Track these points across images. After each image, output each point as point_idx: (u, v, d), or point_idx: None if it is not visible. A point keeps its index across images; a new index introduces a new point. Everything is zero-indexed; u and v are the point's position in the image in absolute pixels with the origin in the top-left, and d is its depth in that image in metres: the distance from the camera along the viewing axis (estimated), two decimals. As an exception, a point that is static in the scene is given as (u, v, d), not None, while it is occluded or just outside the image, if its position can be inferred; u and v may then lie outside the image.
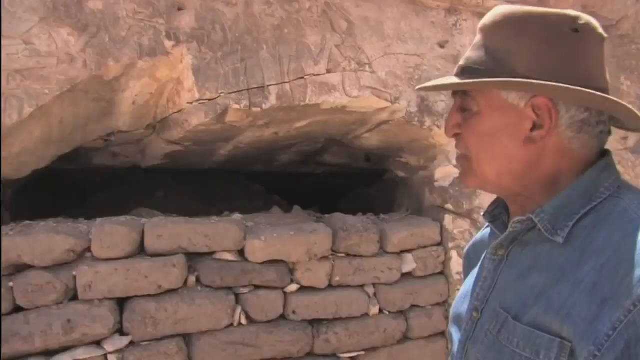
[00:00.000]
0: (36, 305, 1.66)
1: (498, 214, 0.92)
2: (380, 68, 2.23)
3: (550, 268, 0.75)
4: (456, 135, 0.85)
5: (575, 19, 0.77)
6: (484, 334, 0.82)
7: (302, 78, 2.07)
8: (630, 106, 0.76)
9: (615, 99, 0.75)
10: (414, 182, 2.61)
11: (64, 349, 1.67)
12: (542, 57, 0.76)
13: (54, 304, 1.68)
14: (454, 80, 0.83)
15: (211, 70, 1.93)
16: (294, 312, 1.98)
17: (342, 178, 3.39)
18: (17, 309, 1.65)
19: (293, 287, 2.00)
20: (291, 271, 2.01)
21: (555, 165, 0.79)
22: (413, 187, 2.62)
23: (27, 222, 1.82)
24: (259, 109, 1.98)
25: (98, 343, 1.71)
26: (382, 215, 2.45)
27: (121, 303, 1.78)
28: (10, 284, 1.64)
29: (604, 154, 0.82)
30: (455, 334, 0.94)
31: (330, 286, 2.06)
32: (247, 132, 2.18)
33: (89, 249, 1.75)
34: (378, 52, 2.23)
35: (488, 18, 0.84)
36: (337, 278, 2.06)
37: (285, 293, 1.99)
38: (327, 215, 2.29)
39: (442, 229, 2.33)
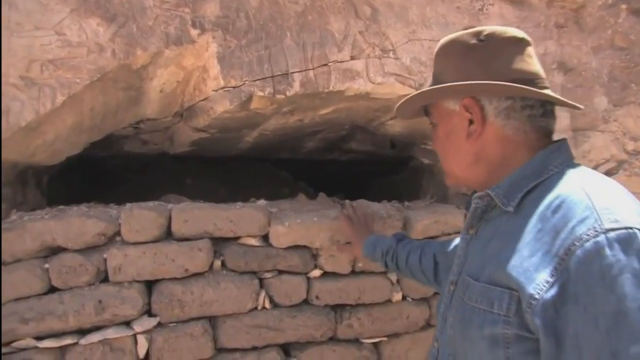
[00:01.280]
0: (69, 286, 1.73)
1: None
2: (405, 54, 2.21)
3: (504, 235, 0.89)
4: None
5: (480, 32, 0.96)
6: (456, 300, 0.97)
7: (325, 65, 2.07)
8: (534, 89, 0.91)
9: (516, 85, 0.90)
10: (439, 169, 2.59)
11: (96, 328, 1.74)
12: (460, 68, 0.95)
13: (86, 285, 1.75)
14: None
15: (236, 58, 1.95)
16: (317, 297, 2.01)
17: (368, 165, 3.39)
18: (52, 290, 1.73)
19: (316, 273, 2.02)
20: (314, 257, 2.04)
21: (500, 151, 0.95)
22: (438, 174, 2.60)
23: (61, 206, 1.89)
24: (282, 96, 1.99)
25: (127, 323, 1.78)
26: (406, 203, 2.44)
27: (149, 285, 1.84)
28: (46, 265, 1.71)
29: (560, 141, 0.96)
30: (437, 313, 1.11)
31: (353, 272, 2.07)
32: (272, 119, 2.20)
33: (118, 233, 1.81)
34: (402, 38, 2.21)
35: (435, 50, 1.05)
36: (360, 264, 2.07)
37: (308, 278, 2.02)
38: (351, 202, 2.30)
39: (466, 216, 2.31)
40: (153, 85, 1.98)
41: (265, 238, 1.98)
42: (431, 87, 0.97)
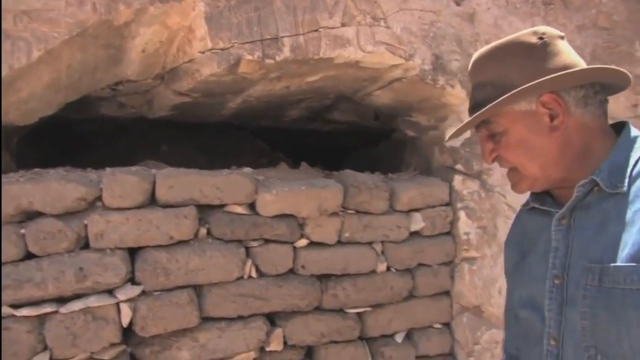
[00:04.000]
0: (48, 253, 1.64)
1: (543, 198, 1.06)
2: (396, 23, 2.18)
3: (622, 217, 0.89)
4: (495, 158, 1.03)
5: (536, 31, 0.99)
6: (581, 290, 0.92)
7: (316, 31, 2.01)
8: (611, 66, 0.95)
9: (595, 66, 0.95)
10: (424, 142, 2.59)
11: (77, 296, 1.67)
12: (528, 66, 0.96)
13: (66, 252, 1.66)
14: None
15: (224, 19, 1.87)
16: (303, 267, 1.99)
17: (347, 137, 3.36)
18: (29, 256, 1.64)
19: (303, 242, 2.00)
20: (301, 226, 2.01)
21: (582, 140, 0.96)
22: (422, 147, 2.60)
23: (37, 169, 1.78)
24: (272, 61, 1.93)
25: (110, 292, 1.71)
26: (390, 174, 2.44)
27: (133, 253, 1.77)
28: (22, 230, 1.62)
29: (623, 124, 1.00)
30: (533, 313, 1.03)
31: (339, 242, 2.06)
32: (258, 85, 2.14)
33: (99, 198, 1.73)
34: (393, 7, 2.17)
35: (472, 65, 1.04)
36: (347, 234, 2.06)
37: (295, 247, 1.99)
38: (336, 172, 2.27)
39: (451, 189, 2.32)
40: (135, 44, 1.88)
41: (251, 206, 1.93)
42: (512, 92, 0.93)
